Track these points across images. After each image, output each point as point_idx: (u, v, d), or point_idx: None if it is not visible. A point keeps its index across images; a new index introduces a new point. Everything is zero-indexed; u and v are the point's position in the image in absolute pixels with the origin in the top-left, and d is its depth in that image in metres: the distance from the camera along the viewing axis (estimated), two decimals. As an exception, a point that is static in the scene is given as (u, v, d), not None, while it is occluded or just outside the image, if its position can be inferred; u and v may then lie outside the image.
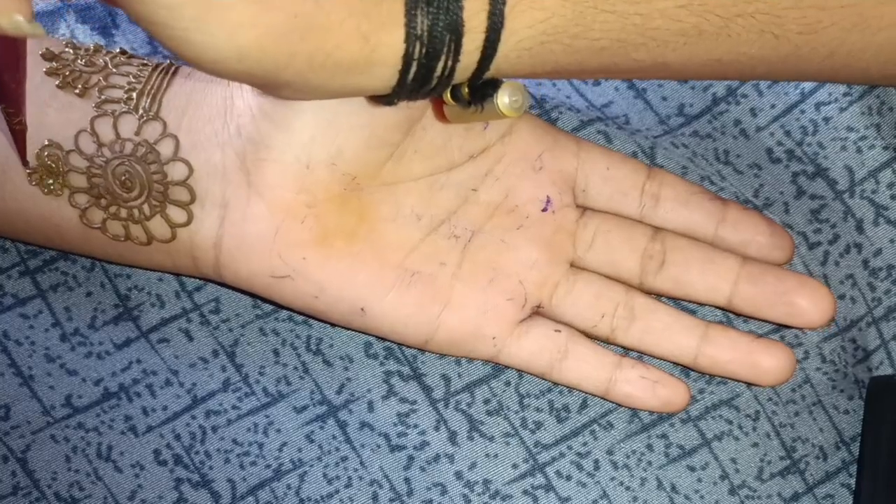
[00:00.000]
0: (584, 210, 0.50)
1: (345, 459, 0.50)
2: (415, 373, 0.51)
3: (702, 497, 0.50)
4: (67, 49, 0.48)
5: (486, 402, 0.51)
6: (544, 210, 0.49)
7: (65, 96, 0.47)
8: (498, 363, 0.50)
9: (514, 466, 0.50)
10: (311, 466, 0.50)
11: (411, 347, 0.50)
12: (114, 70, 0.48)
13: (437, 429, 0.51)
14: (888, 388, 0.51)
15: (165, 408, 0.51)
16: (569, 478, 0.50)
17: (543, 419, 0.51)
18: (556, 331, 0.49)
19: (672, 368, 0.51)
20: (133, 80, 0.47)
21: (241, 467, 0.51)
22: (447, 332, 0.48)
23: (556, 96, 0.53)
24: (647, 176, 0.50)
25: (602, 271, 0.50)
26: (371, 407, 0.51)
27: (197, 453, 0.51)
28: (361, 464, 0.50)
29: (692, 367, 0.50)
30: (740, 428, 0.51)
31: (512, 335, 0.49)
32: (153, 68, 0.48)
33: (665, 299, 0.51)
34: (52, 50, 0.48)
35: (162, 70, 0.48)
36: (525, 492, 0.50)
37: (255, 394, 0.51)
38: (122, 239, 0.47)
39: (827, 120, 0.51)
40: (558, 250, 0.50)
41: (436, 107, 0.46)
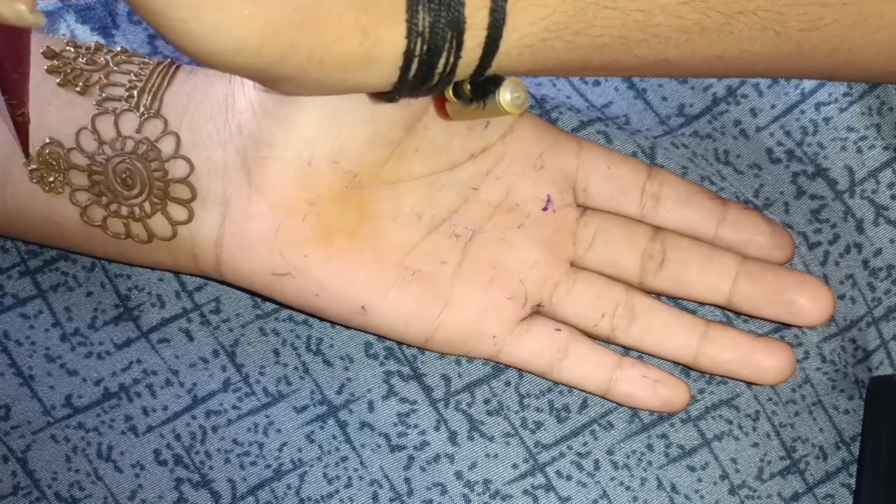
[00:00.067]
0: (584, 209, 0.50)
1: (345, 459, 0.50)
2: (415, 373, 0.51)
3: (702, 497, 0.50)
4: (68, 47, 0.48)
5: (487, 402, 0.51)
6: (545, 209, 0.49)
7: (66, 94, 0.47)
8: (498, 362, 0.50)
9: (515, 466, 0.50)
10: (312, 466, 0.50)
11: (412, 346, 0.50)
12: (115, 68, 0.48)
13: (437, 429, 0.51)
14: (888, 388, 0.51)
15: (166, 408, 0.51)
16: (569, 478, 0.50)
17: (543, 419, 0.51)
18: (556, 330, 0.49)
19: (672, 368, 0.51)
20: (134, 77, 0.47)
21: (242, 467, 0.51)
22: (448, 330, 0.48)
23: (556, 96, 0.53)
24: (647, 175, 0.50)
25: (602, 271, 0.50)
26: (371, 407, 0.51)
27: (197, 453, 0.51)
28: (361, 464, 0.50)
29: (692, 367, 0.50)
30: (740, 428, 0.51)
31: (512, 334, 0.49)
32: (154, 66, 0.48)
33: (665, 299, 0.51)
34: (53, 48, 0.48)
35: (163, 68, 0.48)
36: (525, 492, 0.50)
37: (255, 394, 0.51)
38: (123, 237, 0.47)
39: (827, 120, 0.51)
40: (559, 249, 0.50)
41: (438, 104, 0.46)
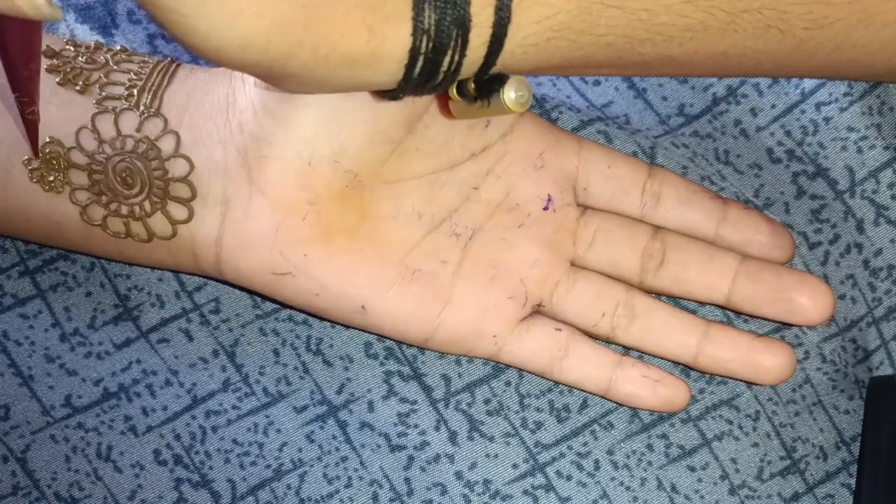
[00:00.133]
0: (584, 209, 0.50)
1: (345, 459, 0.50)
2: (415, 373, 0.51)
3: (702, 497, 0.50)
4: (68, 46, 0.48)
5: (487, 402, 0.51)
6: (545, 209, 0.49)
7: (66, 93, 0.47)
8: (498, 362, 0.50)
9: (515, 466, 0.50)
10: (311, 466, 0.50)
11: (412, 346, 0.50)
12: (115, 67, 0.47)
13: (437, 429, 0.50)
14: (888, 388, 0.51)
15: (165, 408, 0.51)
16: (569, 478, 0.50)
17: (544, 419, 0.51)
18: (556, 329, 0.49)
19: (672, 368, 0.51)
20: (134, 76, 0.47)
21: (241, 467, 0.50)
22: (448, 330, 0.48)
23: (556, 96, 0.53)
24: (647, 175, 0.50)
25: (602, 270, 0.50)
26: (371, 407, 0.51)
27: (197, 453, 0.51)
28: (361, 464, 0.50)
29: (692, 367, 0.50)
30: (740, 428, 0.51)
31: (512, 333, 0.49)
32: (154, 65, 0.48)
33: (666, 299, 0.51)
34: (53, 47, 0.48)
35: (163, 67, 0.48)
36: (525, 492, 0.50)
37: (255, 394, 0.51)
38: (123, 236, 0.47)
39: (827, 120, 0.51)
40: (559, 249, 0.50)
41: (440, 103, 0.46)
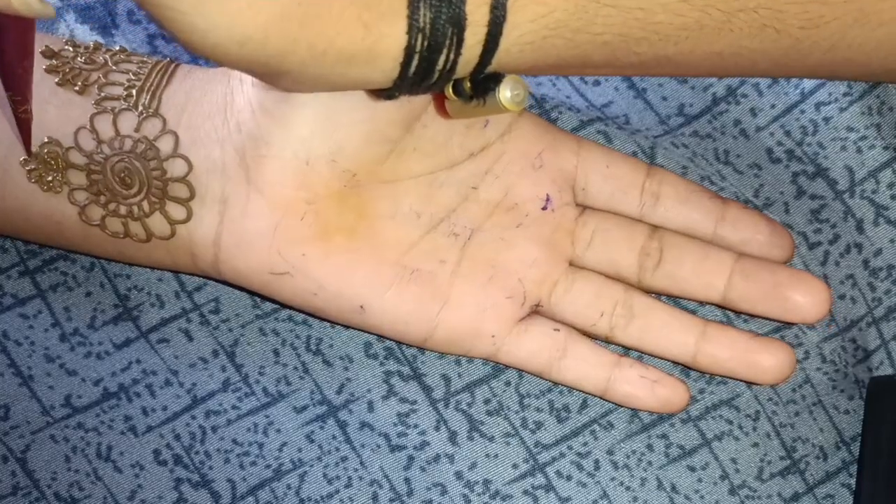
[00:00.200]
0: (583, 209, 0.50)
1: (345, 459, 0.50)
2: (415, 373, 0.51)
3: (702, 497, 0.50)
4: (67, 47, 0.48)
5: (487, 402, 0.51)
6: (544, 208, 0.49)
7: (64, 93, 0.47)
8: (497, 362, 0.50)
9: (515, 466, 0.50)
10: (311, 466, 0.50)
11: (410, 345, 0.50)
12: (113, 67, 0.48)
13: (437, 429, 0.50)
14: (888, 388, 0.51)
15: (165, 408, 0.51)
16: (569, 478, 0.50)
17: (543, 419, 0.51)
18: (555, 330, 0.49)
19: (672, 369, 0.51)
20: (133, 77, 0.47)
21: (241, 467, 0.50)
22: (446, 329, 0.48)
23: (556, 96, 0.53)
24: (646, 174, 0.50)
25: (601, 270, 0.50)
26: (371, 407, 0.51)
27: (197, 453, 0.51)
28: (361, 464, 0.50)
29: (691, 366, 0.50)
30: (740, 428, 0.50)
31: (511, 333, 0.49)
32: (153, 65, 0.48)
33: (665, 299, 0.51)
34: (52, 47, 0.48)
35: (162, 67, 0.48)
36: (525, 492, 0.50)
37: (255, 394, 0.51)
38: (122, 236, 0.47)
39: (827, 120, 0.51)
40: (558, 249, 0.49)
41: (437, 102, 0.46)
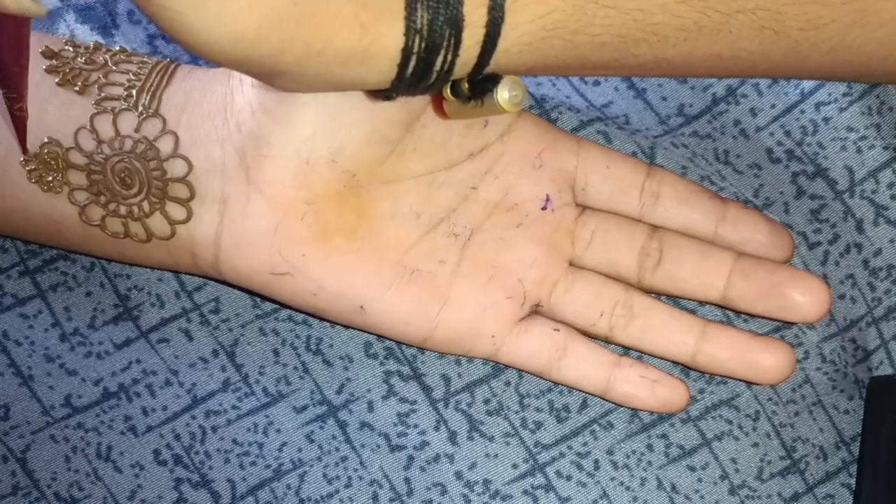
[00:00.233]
0: (583, 209, 0.50)
1: (345, 459, 0.50)
2: (415, 373, 0.51)
3: (702, 497, 0.50)
4: (67, 47, 0.48)
5: (486, 402, 0.51)
6: (544, 208, 0.49)
7: (64, 94, 0.47)
8: (497, 362, 0.50)
9: (514, 466, 0.50)
10: (311, 466, 0.50)
11: (410, 345, 0.50)
12: (113, 68, 0.48)
13: (437, 429, 0.50)
14: (888, 388, 0.51)
15: (165, 408, 0.51)
16: (569, 478, 0.50)
17: (543, 419, 0.51)
18: (555, 330, 0.49)
19: (672, 369, 0.51)
20: (133, 77, 0.47)
21: (241, 467, 0.50)
22: (446, 329, 0.48)
23: (555, 96, 0.53)
24: (646, 174, 0.50)
25: (601, 270, 0.50)
26: (371, 407, 0.51)
27: (197, 453, 0.51)
28: (361, 464, 0.50)
29: (691, 366, 0.50)
30: (740, 428, 0.50)
31: (511, 333, 0.49)
32: (153, 66, 0.48)
33: (665, 299, 0.51)
34: (52, 48, 0.48)
35: (162, 67, 0.48)
36: (525, 492, 0.50)
37: (254, 394, 0.51)
38: (122, 236, 0.47)
39: (827, 120, 0.51)
40: (557, 249, 0.49)
41: (435, 103, 0.46)
